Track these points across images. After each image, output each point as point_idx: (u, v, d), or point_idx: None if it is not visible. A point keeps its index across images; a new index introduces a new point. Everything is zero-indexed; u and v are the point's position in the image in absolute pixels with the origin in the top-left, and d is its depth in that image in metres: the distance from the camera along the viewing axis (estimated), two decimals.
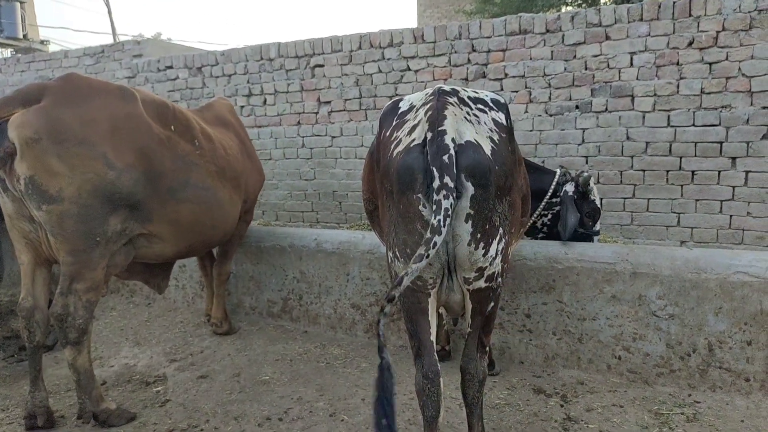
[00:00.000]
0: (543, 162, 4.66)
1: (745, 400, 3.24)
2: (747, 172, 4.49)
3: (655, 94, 4.69)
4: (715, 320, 3.35)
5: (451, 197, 2.01)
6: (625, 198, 4.91)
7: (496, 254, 2.26)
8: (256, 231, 4.93)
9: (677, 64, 4.58)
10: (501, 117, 2.40)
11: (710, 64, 4.48)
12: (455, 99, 2.29)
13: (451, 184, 2.03)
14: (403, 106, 2.47)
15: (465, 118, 2.24)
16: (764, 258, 3.31)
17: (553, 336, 3.77)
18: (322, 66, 6.09)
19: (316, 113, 6.22)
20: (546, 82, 5.06)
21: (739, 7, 4.30)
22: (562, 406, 3.29)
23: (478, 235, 2.18)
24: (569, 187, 3.79)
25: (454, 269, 2.28)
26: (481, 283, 2.30)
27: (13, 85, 8.21)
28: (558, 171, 3.89)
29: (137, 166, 3.08)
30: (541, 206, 3.84)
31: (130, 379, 3.84)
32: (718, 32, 4.40)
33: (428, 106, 2.24)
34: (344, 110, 6.09)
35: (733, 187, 4.53)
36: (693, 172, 4.64)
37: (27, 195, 2.81)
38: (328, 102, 6.14)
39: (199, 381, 3.73)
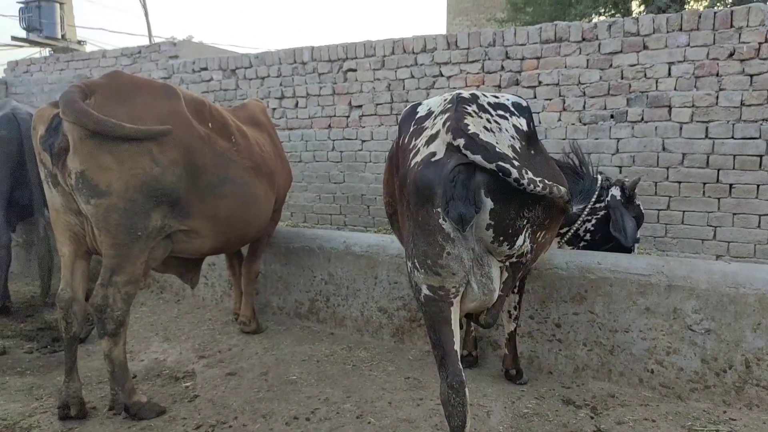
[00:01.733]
0: None
1: None
2: None
3: (693, 105, 4.62)
4: (753, 336, 3.27)
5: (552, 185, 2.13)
6: (659, 210, 4.84)
7: (523, 242, 2.31)
8: (284, 232, 4.98)
9: (717, 75, 4.51)
10: (522, 123, 2.39)
11: (751, 76, 4.40)
12: (474, 107, 2.26)
13: (538, 179, 2.09)
14: (421, 111, 2.45)
15: (485, 127, 2.21)
16: None
17: (583, 347, 3.73)
18: (354, 70, 6.15)
19: (347, 117, 6.27)
20: (581, 91, 5.03)
21: None
22: (592, 418, 3.24)
23: (501, 238, 2.21)
24: (616, 192, 3.74)
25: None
26: (513, 260, 2.42)
27: (52, 83, 8.45)
28: (599, 176, 3.85)
29: (180, 162, 3.14)
30: (585, 212, 3.79)
31: (160, 373, 3.90)
32: (760, 44, 4.32)
33: (446, 116, 2.21)
34: (375, 114, 6.13)
35: None
36: (731, 185, 4.55)
37: (77, 189, 2.90)
38: (360, 106, 6.18)
39: (228, 378, 3.78)
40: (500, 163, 2.03)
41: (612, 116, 4.94)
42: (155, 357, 4.19)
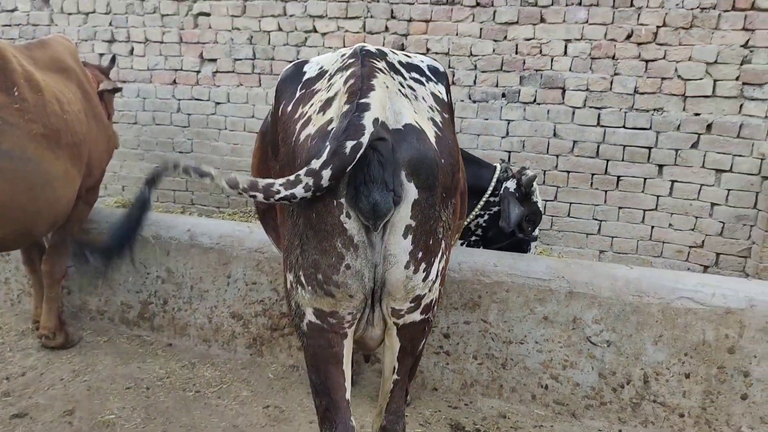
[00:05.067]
0: None
1: None
2: (673, 182, 4.38)
3: (587, 89, 4.43)
4: (653, 349, 3.10)
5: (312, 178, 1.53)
6: (546, 200, 4.62)
7: (437, 276, 1.81)
8: (107, 214, 4.03)
9: (613, 57, 4.33)
10: (441, 90, 1.93)
11: (647, 61, 4.27)
12: (383, 64, 1.78)
13: (326, 174, 1.52)
14: (310, 71, 1.92)
15: (399, 91, 1.73)
16: (710, 283, 3.10)
17: (473, 360, 3.35)
18: (207, 15, 5.19)
19: (198, 72, 5.31)
20: (472, 64, 4.61)
21: (683, 1, 4.10)
22: None
23: (419, 254, 1.69)
24: (510, 184, 3.37)
25: (379, 299, 1.77)
26: (416, 316, 1.81)
27: None
28: (498, 166, 3.44)
29: None
30: (479, 206, 3.37)
31: None
32: (658, 27, 4.20)
33: (349, 72, 1.70)
34: (233, 72, 5.25)
35: (658, 197, 4.41)
36: (619, 177, 4.45)
37: None
38: (214, 60, 5.25)
39: (13, 423, 2.82)
40: (328, 143, 1.55)
41: (504, 95, 4.60)
42: None
